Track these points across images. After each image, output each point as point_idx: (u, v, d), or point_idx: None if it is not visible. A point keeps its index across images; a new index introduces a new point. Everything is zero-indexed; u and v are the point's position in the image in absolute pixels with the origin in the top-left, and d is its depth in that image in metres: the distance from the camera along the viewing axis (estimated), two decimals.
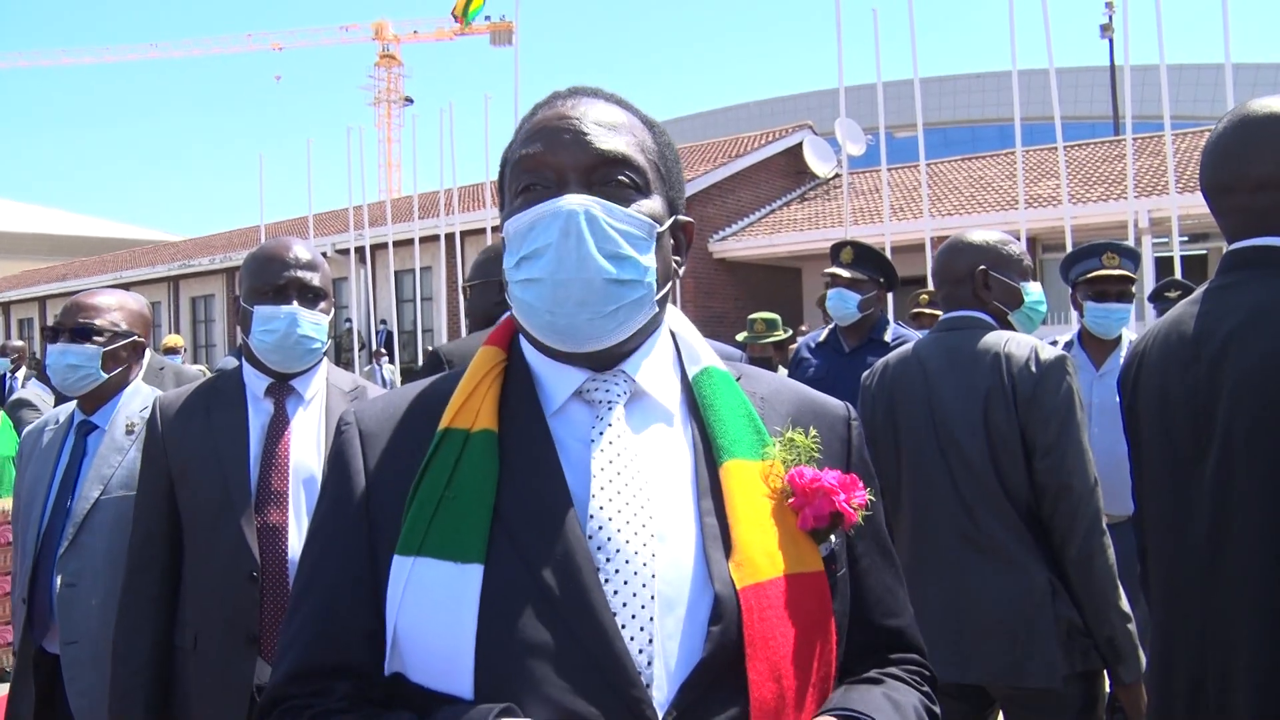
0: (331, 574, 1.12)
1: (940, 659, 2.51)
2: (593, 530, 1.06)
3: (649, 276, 1.13)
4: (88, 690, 2.55)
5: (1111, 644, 2.52)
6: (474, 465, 1.09)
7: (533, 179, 1.14)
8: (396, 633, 1.05)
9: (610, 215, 1.11)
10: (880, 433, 2.83)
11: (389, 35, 53.49)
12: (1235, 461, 1.71)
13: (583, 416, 1.15)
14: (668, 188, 1.21)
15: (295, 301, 2.41)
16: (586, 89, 1.22)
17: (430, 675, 1.04)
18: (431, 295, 20.35)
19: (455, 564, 1.04)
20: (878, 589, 1.23)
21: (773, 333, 7.01)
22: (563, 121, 1.15)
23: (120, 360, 2.81)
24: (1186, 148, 17.31)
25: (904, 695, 1.16)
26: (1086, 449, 2.56)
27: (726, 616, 1.03)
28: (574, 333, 1.11)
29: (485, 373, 1.17)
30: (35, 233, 46.26)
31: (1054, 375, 2.59)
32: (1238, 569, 1.69)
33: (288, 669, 1.11)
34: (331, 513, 1.16)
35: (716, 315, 18.52)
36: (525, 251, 1.11)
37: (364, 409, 1.21)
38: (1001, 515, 2.59)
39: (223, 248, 27.97)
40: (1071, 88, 32.15)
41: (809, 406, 1.25)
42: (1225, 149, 1.86)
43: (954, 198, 18.93)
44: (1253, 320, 1.73)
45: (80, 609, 2.58)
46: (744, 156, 21.04)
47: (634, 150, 1.16)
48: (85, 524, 2.60)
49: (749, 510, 1.10)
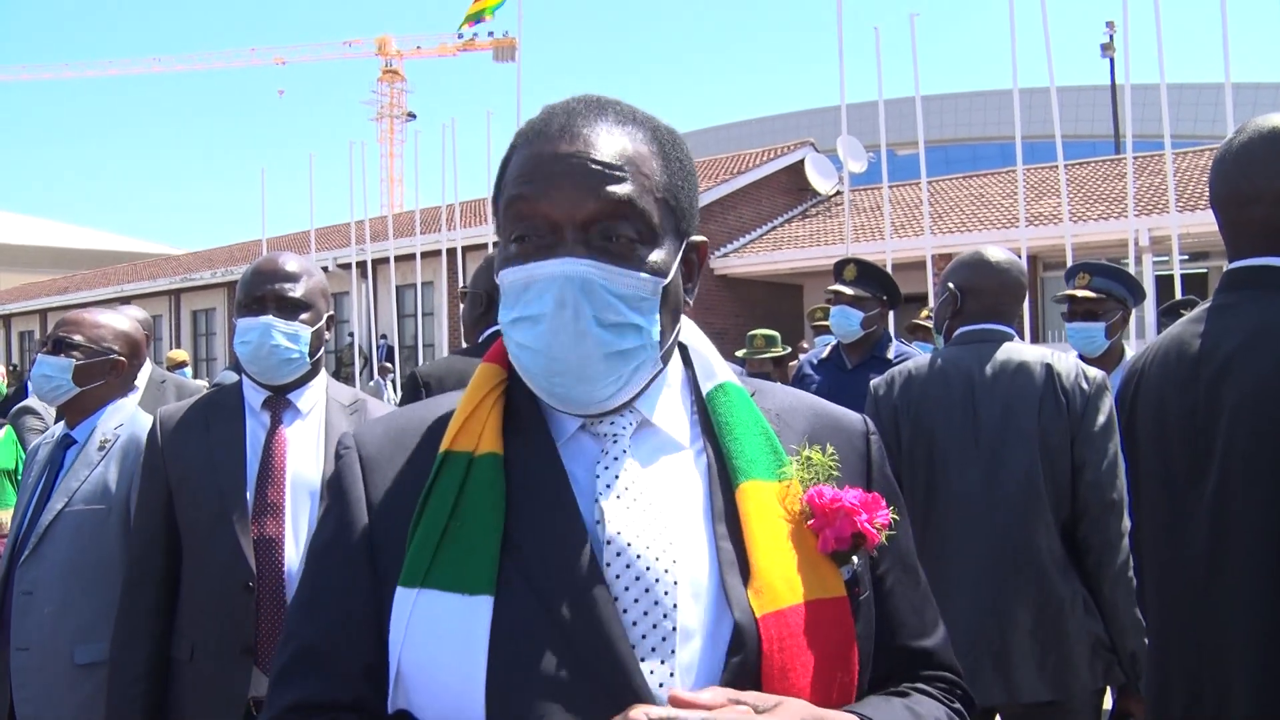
0: (331, 605, 1.07)
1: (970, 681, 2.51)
2: (610, 558, 1.01)
3: (653, 337, 1.06)
4: (33, 697, 2.59)
5: (1135, 658, 2.53)
6: (480, 491, 1.04)
7: (526, 229, 1.05)
8: (401, 668, 1.00)
9: (611, 281, 1.03)
10: (905, 443, 2.79)
11: (392, 50, 53.74)
12: (1233, 482, 1.71)
13: (590, 446, 1.10)
14: (678, 219, 1.11)
15: (271, 313, 2.44)
16: (587, 105, 1.10)
17: (439, 713, 0.99)
18: (433, 310, 20.37)
19: (463, 596, 0.99)
20: (904, 610, 1.16)
21: (771, 348, 7.01)
22: (558, 162, 1.04)
23: (95, 376, 2.85)
24: (1187, 167, 17.36)
25: (927, 708, 1.10)
26: (1122, 468, 2.56)
27: (747, 646, 0.99)
28: (572, 402, 1.06)
29: (486, 392, 1.12)
30: (37, 245, 46.35)
31: (1103, 393, 2.62)
32: (1235, 586, 1.69)
33: (288, 702, 1.05)
34: (332, 541, 1.10)
35: (718, 332, 18.53)
36: (520, 314, 1.05)
37: (364, 432, 1.16)
38: (1043, 527, 2.59)
39: (224, 261, 28.02)
40: (1072, 106, 32.25)
41: (826, 422, 1.19)
42: (1248, 160, 1.82)
43: (955, 215, 18.96)
44: (1252, 342, 1.73)
45: (34, 617, 2.62)
46: (746, 173, 21.10)
47: (639, 194, 1.05)
48: (47, 534, 2.65)
49: (766, 534, 1.04)
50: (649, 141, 1.10)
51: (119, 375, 2.92)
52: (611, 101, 1.12)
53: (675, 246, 1.10)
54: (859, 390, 3.21)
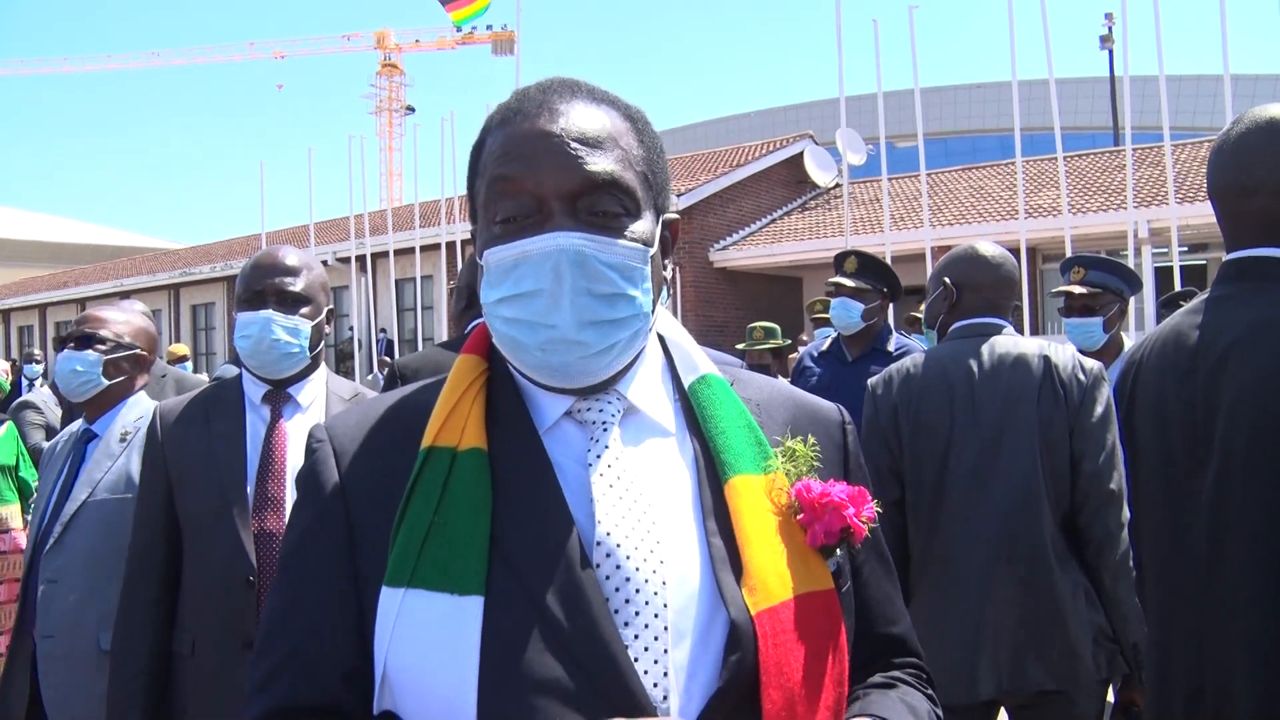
0: (312, 606, 1.04)
1: (966, 674, 2.51)
2: (600, 558, 0.99)
3: (644, 307, 1.06)
4: (59, 684, 2.64)
5: (1138, 649, 2.54)
6: (465, 488, 1.02)
7: (512, 208, 1.04)
8: (388, 670, 0.98)
9: (602, 251, 1.03)
10: (907, 441, 2.78)
11: (391, 44, 53.62)
12: (1233, 475, 1.71)
13: (576, 436, 1.08)
14: (655, 194, 1.11)
15: (271, 307, 2.44)
16: (561, 85, 1.10)
17: (427, 715, 0.97)
18: (432, 304, 20.35)
19: (452, 596, 0.97)
20: (879, 598, 1.19)
21: (770, 340, 7.02)
22: (541, 139, 1.04)
23: (121, 370, 2.94)
24: (1186, 158, 17.33)
25: (917, 700, 1.14)
26: (1120, 459, 2.57)
27: (744, 644, 0.98)
28: (565, 371, 1.04)
29: (468, 385, 1.10)
30: (36, 240, 46.30)
31: (1100, 384, 2.62)
32: (1235, 581, 1.69)
33: (269, 706, 1.03)
34: (309, 537, 1.07)
35: (717, 325, 18.51)
36: (511, 291, 1.03)
37: (336, 423, 1.12)
38: (1044, 518, 2.59)
39: (223, 256, 27.97)
40: (1071, 98, 32.21)
41: (804, 412, 1.20)
42: (1247, 151, 1.82)
43: (954, 207, 18.94)
44: (1251, 336, 1.73)
45: (59, 605, 2.67)
46: (745, 166, 21.05)
47: (622, 167, 1.06)
48: (70, 524, 2.70)
49: (757, 529, 1.04)
50: (624, 118, 1.11)
51: (140, 369, 3.01)
52: (582, 82, 1.13)
53: (655, 220, 1.11)
54: (859, 383, 3.21)
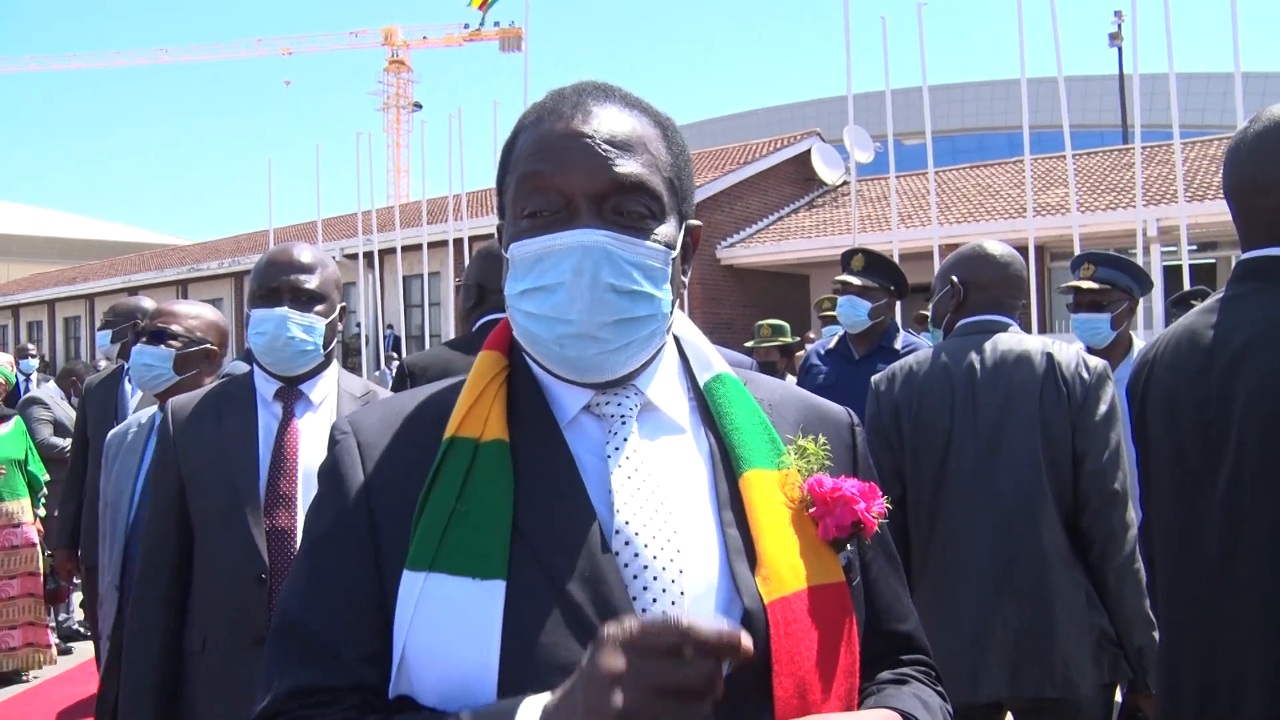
0: (334, 592, 1.06)
1: (968, 677, 2.50)
2: (619, 546, 1.02)
3: (664, 307, 1.09)
4: None
5: (1141, 653, 2.51)
6: (487, 477, 1.05)
7: (541, 203, 1.07)
8: (407, 652, 1.00)
9: (626, 251, 1.06)
10: (909, 438, 2.78)
11: (398, 41, 53.72)
12: (1247, 475, 1.70)
13: (595, 429, 1.11)
14: (680, 200, 1.14)
15: (286, 304, 2.43)
16: (595, 88, 1.14)
17: (445, 697, 0.98)
18: (439, 300, 20.39)
19: (474, 580, 0.99)
20: (887, 595, 1.22)
21: (778, 337, 7.03)
22: (572, 139, 1.07)
23: (193, 364, 3.02)
24: (1195, 156, 17.26)
25: (930, 696, 1.16)
26: (1125, 459, 2.55)
27: (756, 632, 0.98)
28: (583, 365, 1.07)
29: (489, 379, 1.13)
30: (45, 236, 46.49)
31: (1104, 383, 2.60)
32: (1249, 579, 1.68)
33: (290, 688, 1.03)
34: (333, 527, 1.09)
35: (724, 322, 18.50)
36: (533, 284, 1.07)
37: (359, 417, 1.15)
38: (1046, 519, 2.57)
39: (231, 252, 28.04)
40: (1080, 96, 32.09)
41: (815, 413, 1.23)
42: (1262, 150, 1.80)
43: (962, 205, 18.90)
44: (1265, 336, 1.72)
45: None
46: (752, 163, 21.02)
47: (650, 172, 1.09)
48: None
49: (771, 521, 1.07)
50: (654, 125, 1.14)
51: (211, 364, 3.08)
52: (615, 86, 1.16)
53: (678, 225, 1.14)
54: (866, 381, 3.20)
